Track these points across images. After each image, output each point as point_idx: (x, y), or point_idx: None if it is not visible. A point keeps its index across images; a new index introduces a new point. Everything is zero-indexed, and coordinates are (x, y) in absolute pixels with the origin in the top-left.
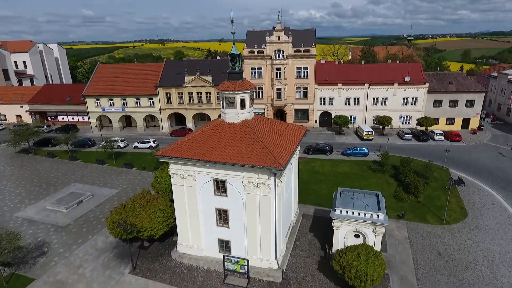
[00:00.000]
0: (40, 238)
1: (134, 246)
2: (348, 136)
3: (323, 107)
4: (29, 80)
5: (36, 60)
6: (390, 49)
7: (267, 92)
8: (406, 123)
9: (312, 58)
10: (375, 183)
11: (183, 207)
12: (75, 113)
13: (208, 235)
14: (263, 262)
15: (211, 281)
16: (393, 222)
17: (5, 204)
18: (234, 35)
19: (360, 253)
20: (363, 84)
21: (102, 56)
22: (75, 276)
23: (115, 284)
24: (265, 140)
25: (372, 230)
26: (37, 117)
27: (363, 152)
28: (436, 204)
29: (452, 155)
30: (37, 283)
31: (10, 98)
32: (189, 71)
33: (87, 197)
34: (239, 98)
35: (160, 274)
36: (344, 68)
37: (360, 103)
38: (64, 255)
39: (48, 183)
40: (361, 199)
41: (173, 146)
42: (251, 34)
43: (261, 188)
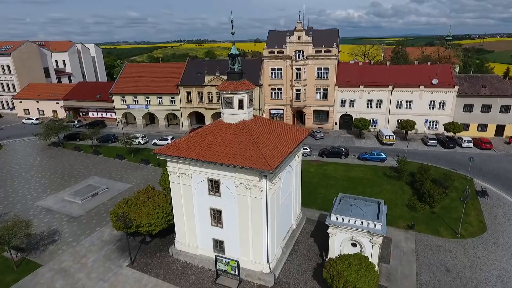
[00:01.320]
0: (54, 227)
1: (137, 240)
2: (368, 140)
3: (343, 109)
4: (67, 77)
5: (74, 59)
6: (425, 50)
7: (286, 93)
8: (432, 128)
9: (333, 59)
10: (389, 190)
11: (180, 205)
12: (104, 109)
13: (203, 234)
14: (255, 265)
15: (203, 280)
16: (402, 233)
17: (29, 193)
18: (234, 35)
19: (352, 263)
20: (386, 86)
21: (142, 55)
22: (78, 265)
23: (112, 275)
24: (260, 141)
25: (369, 239)
26: (70, 112)
27: (381, 157)
28: (452, 216)
29: (480, 164)
30: (43, 269)
31: (48, 94)
32: (209, 71)
33: (101, 190)
34: (237, 99)
35: (155, 269)
36: (367, 69)
37: (383, 106)
38: (71, 245)
39: (70, 175)
40: (361, 206)
41: (171, 144)
42: (272, 34)
43: (253, 190)
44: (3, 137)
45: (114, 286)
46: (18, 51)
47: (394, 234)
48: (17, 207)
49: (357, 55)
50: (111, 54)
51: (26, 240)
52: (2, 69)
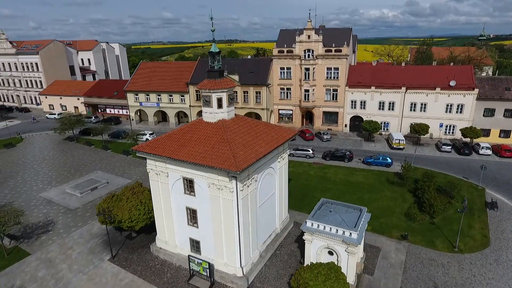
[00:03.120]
0: (50, 217)
1: (123, 235)
2: (378, 143)
3: (353, 110)
4: (91, 75)
5: (98, 57)
6: (453, 50)
7: (295, 93)
8: (449, 133)
9: (344, 59)
10: (388, 197)
11: (159, 203)
12: (120, 106)
13: (181, 233)
14: (228, 268)
15: (178, 279)
16: (393, 243)
17: (36, 184)
18: (213, 32)
19: (320, 272)
20: (400, 87)
21: (173, 55)
22: (63, 256)
23: (92, 268)
24: (234, 141)
25: (345, 249)
26: (90, 108)
27: (386, 162)
28: (454, 228)
29: (496, 173)
30: (31, 258)
31: (70, 91)
32: None
33: (101, 184)
34: (216, 97)
35: (134, 265)
36: (380, 70)
37: (396, 108)
38: (62, 236)
39: (77, 168)
40: (340, 213)
41: (150, 142)
42: (284, 33)
43: (224, 191)
44: (26, 130)
45: (92, 279)
46: (45, 50)
47: (385, 244)
48: (22, 197)
49: (382, 55)
50: (144, 54)
51: (22, 229)
52: (31, 67)
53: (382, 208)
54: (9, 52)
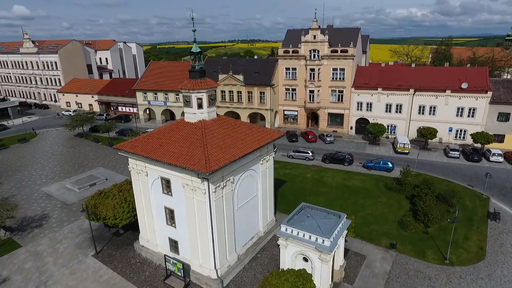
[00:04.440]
0: (46, 212)
1: (111, 231)
2: (382, 147)
3: (359, 113)
4: (108, 74)
5: (115, 57)
6: (476, 51)
7: (300, 94)
8: (460, 138)
9: (350, 59)
10: (384, 203)
11: (140, 202)
12: (131, 104)
13: (161, 232)
14: (203, 269)
15: (154, 278)
16: (380, 252)
17: (40, 178)
18: (195, 33)
19: (288, 279)
20: (407, 89)
21: None
22: (50, 250)
23: (76, 263)
24: (210, 142)
25: (318, 256)
26: (103, 106)
27: (386, 166)
28: (448, 239)
29: (506, 182)
30: (21, 250)
31: (86, 89)
32: (223, 70)
33: (100, 180)
34: (195, 97)
35: (116, 262)
36: (389, 71)
37: (403, 111)
38: (54, 230)
39: (81, 164)
40: (318, 218)
41: (131, 141)
42: (290, 33)
43: (197, 192)
44: (41, 126)
45: (73, 273)
46: (64, 49)
47: (371, 252)
48: (25, 190)
49: (399, 56)
50: (169, 53)
51: (19, 222)
52: (51, 65)
53: (375, 214)
54: (31, 51)
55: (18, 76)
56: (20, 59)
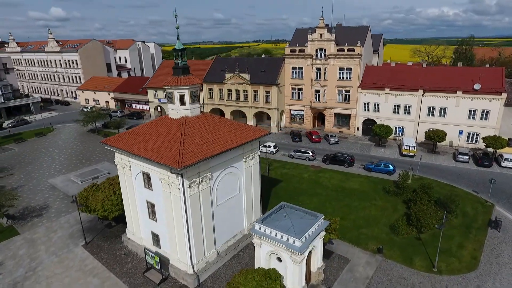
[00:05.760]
0: (48, 202)
1: (104, 223)
2: (388, 149)
3: (366, 113)
4: (126, 72)
5: (134, 56)
6: (502, 51)
7: (306, 94)
8: (472, 141)
9: (357, 58)
10: (378, 207)
11: (126, 195)
12: (144, 102)
13: (144, 225)
14: (181, 264)
15: (135, 270)
16: (366, 256)
17: (48, 171)
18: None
19: (254, 278)
20: (416, 90)
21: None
22: (45, 239)
23: (65, 252)
24: (189, 138)
25: (290, 256)
26: (118, 103)
27: (387, 169)
28: (441, 246)
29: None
30: (18, 237)
31: (103, 86)
32: (229, 68)
33: (103, 174)
34: (178, 94)
35: (102, 253)
36: (399, 71)
37: (412, 112)
38: (51, 220)
39: (88, 158)
40: (294, 218)
41: (117, 135)
42: (299, 32)
43: (172, 187)
44: (59, 121)
45: (61, 261)
46: (84, 48)
47: (356, 256)
48: (32, 181)
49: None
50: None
51: (21, 211)
52: (72, 64)
53: (367, 217)
54: (55, 50)
55: (43, 73)
56: (45, 58)
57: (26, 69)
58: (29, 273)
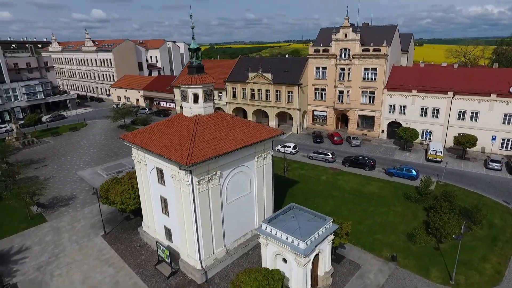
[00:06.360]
0: (75, 193)
1: (123, 216)
2: (413, 153)
3: (391, 116)
4: (157, 71)
5: (164, 55)
6: None
7: (330, 94)
8: (506, 147)
9: (383, 59)
10: (397, 213)
11: (142, 190)
12: (171, 100)
13: (158, 219)
14: (190, 259)
15: (148, 262)
16: (378, 263)
17: (78, 163)
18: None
19: (256, 278)
20: (446, 92)
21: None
22: (69, 227)
23: (86, 240)
24: (200, 136)
25: (294, 258)
26: (147, 101)
27: (410, 174)
28: (462, 258)
29: None
30: (45, 225)
31: (134, 84)
32: (253, 68)
33: (127, 168)
34: (191, 93)
35: (119, 244)
36: (428, 72)
37: (440, 115)
38: (76, 209)
39: (115, 153)
40: (301, 220)
41: (136, 131)
42: (323, 31)
43: (183, 183)
44: (92, 117)
45: (82, 249)
46: (118, 48)
47: (368, 262)
48: (63, 173)
49: (455, 57)
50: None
51: (50, 200)
52: (106, 62)
53: (384, 223)
54: (91, 50)
55: (80, 72)
56: (82, 57)
57: (65, 67)
58: (52, 258)
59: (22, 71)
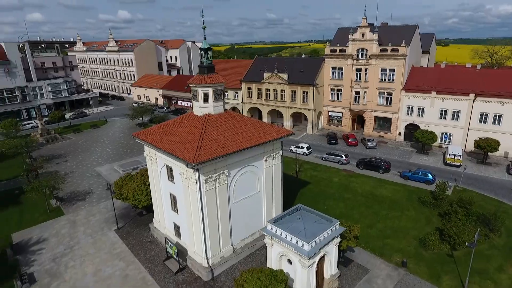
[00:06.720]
0: (92, 188)
1: (136, 211)
2: (431, 157)
3: (409, 118)
4: (176, 71)
5: (184, 55)
6: None
7: (346, 95)
8: None
9: (401, 59)
10: (410, 217)
11: (153, 186)
12: (188, 99)
13: (168, 216)
14: (197, 256)
15: (157, 258)
16: (388, 268)
17: (96, 159)
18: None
19: (260, 277)
20: (467, 94)
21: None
22: (84, 221)
23: (99, 235)
24: (208, 135)
25: (298, 259)
26: (166, 100)
27: (425, 178)
28: (476, 266)
29: None
30: (63, 217)
31: (153, 83)
32: (268, 68)
33: (142, 165)
34: (202, 92)
35: (130, 239)
36: (449, 73)
37: (461, 118)
38: (92, 204)
39: (132, 150)
40: (307, 221)
41: (147, 130)
42: (341, 31)
43: (190, 181)
44: (113, 115)
45: (95, 242)
46: (139, 48)
47: (377, 267)
48: (82, 168)
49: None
50: (245, 53)
51: (68, 194)
52: (128, 62)
53: (395, 227)
54: (113, 49)
55: (103, 71)
56: (105, 56)
57: (89, 66)
58: (67, 250)
59: (48, 70)
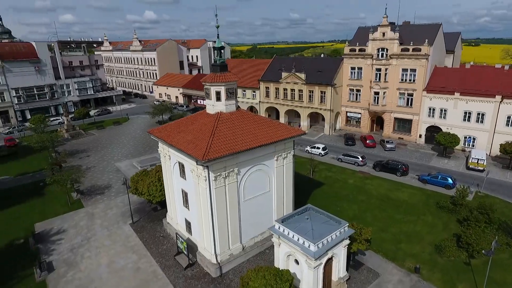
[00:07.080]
0: (111, 183)
1: (151, 206)
2: (453, 161)
3: (431, 119)
4: (197, 70)
5: (204, 54)
6: None
7: (365, 95)
8: None
9: (423, 59)
10: (426, 222)
11: (166, 183)
12: None
13: (180, 212)
14: (206, 253)
15: (169, 252)
16: (400, 273)
17: (117, 155)
18: (218, 29)
19: (265, 276)
20: (493, 95)
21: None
22: (102, 214)
23: (115, 227)
24: (219, 133)
25: (305, 260)
26: (186, 98)
27: (445, 182)
28: (495, 276)
29: None
30: (82, 210)
31: (174, 82)
32: (286, 68)
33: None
34: (214, 90)
35: (144, 233)
36: (474, 73)
37: (486, 121)
38: (110, 198)
39: (151, 146)
40: (315, 222)
41: (162, 127)
42: (361, 30)
43: (200, 178)
44: (135, 113)
45: (111, 235)
46: (161, 47)
47: (388, 272)
48: (103, 163)
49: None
50: (267, 53)
51: (89, 188)
52: (150, 61)
53: (410, 232)
54: (137, 49)
55: (128, 69)
56: (130, 56)
57: (114, 65)
58: (84, 242)
59: (75, 68)
